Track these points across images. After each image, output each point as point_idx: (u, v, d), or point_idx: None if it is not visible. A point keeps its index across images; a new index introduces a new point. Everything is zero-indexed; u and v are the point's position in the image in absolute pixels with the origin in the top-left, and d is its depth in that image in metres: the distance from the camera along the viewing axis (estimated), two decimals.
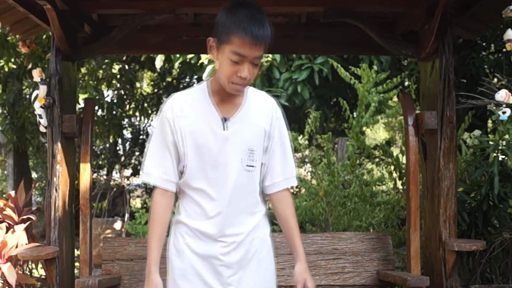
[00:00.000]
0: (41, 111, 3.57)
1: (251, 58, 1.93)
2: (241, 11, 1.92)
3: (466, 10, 3.59)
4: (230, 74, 1.95)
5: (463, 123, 4.86)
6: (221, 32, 1.95)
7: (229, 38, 1.92)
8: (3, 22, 3.60)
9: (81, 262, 3.57)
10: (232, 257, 2.08)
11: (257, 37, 1.90)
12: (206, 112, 2.05)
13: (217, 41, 1.98)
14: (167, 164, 2.06)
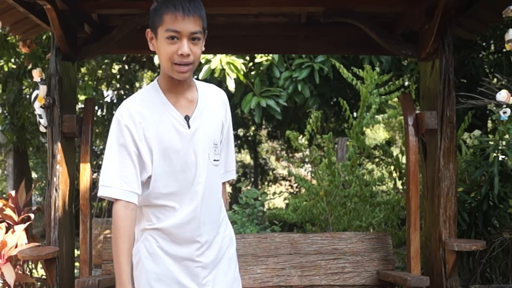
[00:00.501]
0: (41, 111, 3.57)
1: (187, 34, 1.90)
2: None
3: (466, 10, 3.59)
4: (170, 54, 1.90)
5: (463, 123, 4.87)
6: (154, 19, 1.93)
7: (161, 19, 1.90)
8: (3, 22, 3.60)
9: (81, 262, 3.57)
10: (207, 257, 2.04)
11: (188, 9, 1.90)
12: (166, 113, 1.97)
13: (152, 29, 1.95)
14: (129, 175, 1.92)
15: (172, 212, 1.98)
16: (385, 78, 5.53)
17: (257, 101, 6.33)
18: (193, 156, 1.97)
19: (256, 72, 6.47)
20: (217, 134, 2.07)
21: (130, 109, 1.95)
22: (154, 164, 1.94)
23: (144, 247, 2.02)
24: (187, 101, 2.01)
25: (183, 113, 1.98)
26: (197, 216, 1.99)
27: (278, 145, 14.30)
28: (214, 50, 4.68)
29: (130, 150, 1.92)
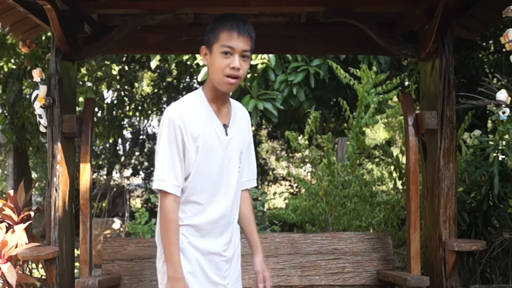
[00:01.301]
0: (41, 111, 3.57)
1: (240, 51, 2.16)
2: (227, 16, 2.21)
3: (466, 10, 3.59)
4: (223, 67, 2.15)
5: (463, 123, 4.87)
6: (210, 36, 2.19)
7: (217, 36, 2.16)
8: (3, 22, 3.60)
9: (81, 262, 3.57)
10: (229, 252, 2.29)
11: (242, 29, 2.16)
12: (210, 119, 2.22)
13: (207, 46, 2.21)
14: (178, 171, 2.16)
15: (199, 209, 2.21)
16: (382, 77, 5.53)
17: (254, 104, 6.35)
18: (227, 161, 2.24)
19: (252, 75, 6.47)
20: (242, 144, 2.34)
21: (181, 111, 2.18)
22: (196, 162, 2.17)
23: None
24: (225, 111, 2.28)
25: (222, 121, 2.25)
26: (227, 214, 2.25)
27: (278, 145, 14.30)
28: None
29: (180, 147, 2.16)
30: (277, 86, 6.43)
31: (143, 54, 7.90)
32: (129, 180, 13.39)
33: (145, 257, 3.45)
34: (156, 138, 13.07)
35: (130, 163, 12.99)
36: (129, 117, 11.69)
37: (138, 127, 13.03)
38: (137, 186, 13.76)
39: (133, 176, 13.21)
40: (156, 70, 10.77)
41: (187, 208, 2.21)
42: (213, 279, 2.23)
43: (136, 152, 13.04)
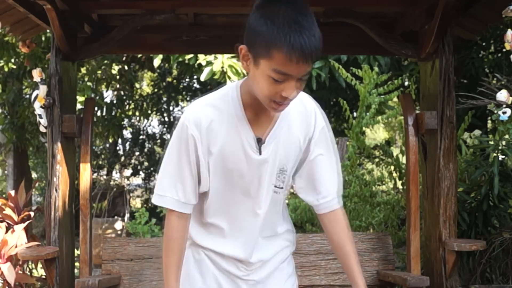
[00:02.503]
0: (41, 111, 3.57)
1: (298, 77, 1.53)
2: (282, 14, 1.47)
3: (466, 10, 3.59)
4: (272, 94, 1.55)
5: (463, 123, 4.87)
6: (257, 42, 1.51)
7: (269, 53, 1.48)
8: (3, 22, 3.60)
9: (81, 262, 3.57)
10: (255, 276, 1.84)
11: (309, 49, 1.47)
12: (239, 130, 1.67)
13: (251, 52, 1.55)
14: (186, 185, 1.71)
15: (220, 232, 1.79)
16: (384, 78, 5.53)
17: None
18: (257, 183, 1.72)
19: None
20: (289, 159, 1.76)
21: (200, 115, 1.66)
22: (212, 182, 1.72)
23: (191, 252, 1.85)
24: (265, 119, 1.69)
25: (258, 132, 1.68)
26: (249, 245, 1.80)
27: None
28: (214, 50, 4.68)
29: (191, 160, 1.69)
30: None
31: (143, 54, 7.90)
32: (129, 180, 13.39)
33: (145, 257, 3.45)
34: (156, 138, 13.10)
35: (130, 163, 13.00)
36: (129, 117, 11.69)
37: (138, 127, 13.03)
38: (137, 186, 13.77)
39: (133, 176, 13.22)
40: (156, 70, 10.77)
41: (206, 230, 1.81)
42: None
43: (136, 152, 13.04)
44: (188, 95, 12.12)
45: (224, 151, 1.67)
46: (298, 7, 1.50)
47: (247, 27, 1.56)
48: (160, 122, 13.10)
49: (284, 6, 1.49)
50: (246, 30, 1.56)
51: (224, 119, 1.67)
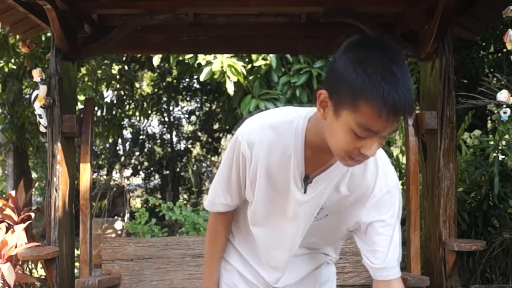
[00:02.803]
0: (41, 111, 3.57)
1: (383, 134, 1.34)
2: (375, 62, 1.27)
3: (466, 10, 3.59)
4: (349, 149, 1.36)
5: (463, 123, 4.87)
6: (342, 90, 1.31)
7: (356, 105, 1.28)
8: (3, 22, 3.60)
9: (81, 262, 3.57)
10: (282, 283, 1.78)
11: (400, 108, 1.27)
12: (291, 164, 1.53)
13: (332, 99, 1.35)
14: (234, 194, 1.68)
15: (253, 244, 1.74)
16: None
17: (256, 104, 6.36)
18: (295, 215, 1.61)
19: (255, 76, 6.48)
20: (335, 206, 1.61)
21: (255, 137, 1.54)
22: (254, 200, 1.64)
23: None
24: (324, 159, 1.53)
25: (309, 170, 1.54)
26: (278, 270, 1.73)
27: None
28: (214, 50, 4.68)
29: (240, 175, 1.62)
30: (280, 88, 6.45)
31: (143, 54, 7.90)
32: (129, 180, 13.40)
33: (145, 257, 3.45)
34: (156, 138, 13.10)
35: (130, 163, 13.00)
36: (129, 117, 11.70)
37: (138, 127, 13.03)
38: (137, 186, 13.77)
39: (133, 176, 13.22)
40: (156, 70, 10.77)
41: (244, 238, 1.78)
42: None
43: (136, 152, 13.04)
44: (188, 95, 12.12)
45: (271, 178, 1.57)
46: (392, 55, 1.31)
47: (330, 70, 1.38)
48: (160, 122, 13.10)
49: (378, 52, 1.30)
50: (329, 74, 1.38)
51: (280, 147, 1.53)
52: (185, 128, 13.68)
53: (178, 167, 12.50)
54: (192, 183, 11.30)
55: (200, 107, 12.76)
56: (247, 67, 6.42)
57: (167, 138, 13.10)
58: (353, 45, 1.34)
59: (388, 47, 1.32)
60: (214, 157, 13.43)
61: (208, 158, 13.50)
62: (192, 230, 5.70)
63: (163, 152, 12.83)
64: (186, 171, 12.49)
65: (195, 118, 13.14)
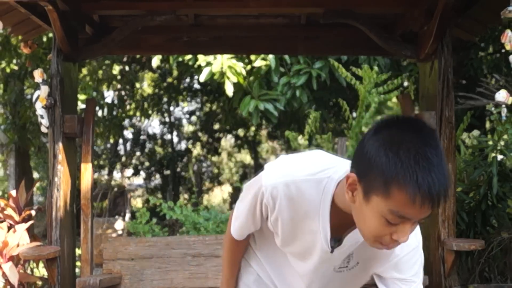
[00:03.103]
0: (42, 111, 3.59)
1: (416, 220, 1.28)
2: (408, 145, 1.21)
3: (465, 11, 3.61)
4: (380, 234, 1.30)
5: (462, 123, 4.88)
6: (373, 175, 1.24)
7: (388, 191, 1.22)
8: (5, 23, 3.62)
9: (83, 262, 3.59)
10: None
11: (435, 194, 1.22)
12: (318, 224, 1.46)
13: (362, 183, 1.28)
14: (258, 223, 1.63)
15: (272, 251, 1.69)
16: (384, 77, 5.54)
17: (255, 104, 6.37)
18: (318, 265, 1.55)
19: (255, 77, 6.50)
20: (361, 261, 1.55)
21: (280, 192, 1.45)
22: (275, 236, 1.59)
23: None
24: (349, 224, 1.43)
25: (336, 232, 1.47)
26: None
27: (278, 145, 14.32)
28: (214, 50, 4.70)
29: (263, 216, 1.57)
30: (280, 88, 6.46)
31: (143, 54, 7.92)
32: (130, 180, 13.41)
33: (146, 256, 3.46)
34: (156, 138, 13.11)
35: (131, 163, 13.01)
36: (130, 117, 11.72)
37: (138, 127, 13.05)
38: (138, 186, 13.79)
39: (134, 176, 13.24)
40: (156, 70, 10.79)
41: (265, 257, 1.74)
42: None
43: (137, 152, 13.05)
44: (188, 95, 12.14)
45: (294, 228, 1.49)
46: (425, 136, 1.24)
47: (359, 153, 1.30)
48: (161, 122, 13.11)
49: (410, 134, 1.23)
50: (358, 157, 1.31)
51: (305, 206, 1.44)
52: (186, 128, 13.70)
53: (179, 167, 12.52)
54: (193, 183, 11.32)
55: (201, 107, 12.78)
56: (246, 68, 6.44)
57: (168, 138, 13.12)
58: (383, 126, 1.28)
59: (421, 127, 1.26)
60: (214, 157, 13.45)
61: (208, 158, 13.52)
62: (193, 229, 5.72)
63: (164, 152, 12.84)
64: (187, 171, 12.51)
65: (196, 118, 13.16)
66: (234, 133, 12.36)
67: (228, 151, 14.00)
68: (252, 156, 13.73)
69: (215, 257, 3.37)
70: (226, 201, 12.97)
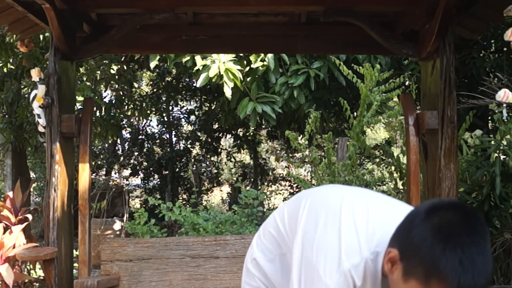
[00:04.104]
0: (39, 110, 3.55)
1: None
2: (455, 243, 1.25)
3: (467, 9, 3.58)
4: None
5: (464, 123, 4.85)
6: (415, 260, 1.30)
7: (427, 281, 1.27)
8: (2, 22, 3.59)
9: (80, 263, 3.55)
10: None
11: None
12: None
13: (403, 263, 1.34)
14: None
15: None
16: (386, 76, 5.51)
17: (253, 107, 6.35)
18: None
19: (253, 77, 6.47)
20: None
21: (355, 275, 1.45)
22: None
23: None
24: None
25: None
26: None
27: (278, 145, 14.30)
28: (213, 49, 4.67)
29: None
30: (278, 88, 6.44)
31: (142, 53, 7.88)
32: (128, 180, 13.38)
33: (144, 257, 3.43)
34: (155, 138, 13.07)
35: (129, 163, 12.98)
36: (128, 117, 11.68)
37: (137, 127, 13.02)
38: (136, 186, 13.74)
39: (132, 176, 13.20)
40: (155, 70, 10.76)
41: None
42: None
43: (135, 152, 13.02)
44: (187, 94, 12.11)
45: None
46: (476, 235, 1.26)
47: (406, 234, 1.34)
48: (159, 122, 13.08)
49: (460, 231, 1.26)
50: (404, 237, 1.35)
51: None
52: (185, 128, 13.67)
53: (178, 167, 12.48)
54: (192, 183, 11.29)
55: (200, 107, 12.74)
56: (244, 70, 6.41)
57: (167, 138, 13.08)
58: (435, 212, 1.31)
59: (473, 223, 1.27)
60: (213, 157, 13.42)
61: (207, 158, 13.49)
62: (192, 230, 5.68)
63: (162, 152, 12.82)
64: (186, 171, 12.48)
65: (195, 118, 13.12)
66: (234, 133, 12.32)
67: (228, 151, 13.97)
68: (252, 156, 13.70)
69: (214, 258, 3.33)
70: (225, 202, 12.95)
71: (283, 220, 1.67)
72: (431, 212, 1.31)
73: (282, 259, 1.67)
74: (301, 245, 1.51)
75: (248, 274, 1.77)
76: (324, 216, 1.50)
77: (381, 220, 1.50)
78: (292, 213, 1.63)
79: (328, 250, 1.45)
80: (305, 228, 1.52)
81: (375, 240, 1.45)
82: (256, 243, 1.76)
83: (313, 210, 1.54)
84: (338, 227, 1.47)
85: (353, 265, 1.43)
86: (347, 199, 1.56)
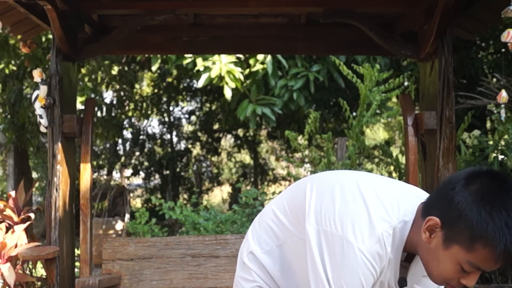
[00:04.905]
0: (41, 111, 3.58)
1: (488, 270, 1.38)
2: (500, 206, 1.29)
3: (465, 10, 3.60)
4: (450, 278, 1.41)
5: (462, 123, 4.87)
6: (459, 227, 1.32)
7: (472, 246, 1.31)
8: (4, 23, 3.61)
9: (82, 262, 3.58)
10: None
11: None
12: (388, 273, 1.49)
13: (445, 230, 1.36)
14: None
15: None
16: (386, 75, 5.53)
17: (252, 109, 6.38)
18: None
19: (253, 80, 6.50)
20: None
21: (377, 255, 1.43)
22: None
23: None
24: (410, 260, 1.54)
25: (403, 272, 1.52)
26: None
27: (278, 145, 14.31)
28: (214, 50, 4.69)
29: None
30: (277, 91, 6.46)
31: (143, 54, 7.90)
32: (129, 180, 13.40)
33: (146, 256, 3.45)
34: (156, 138, 13.10)
35: (130, 163, 13.00)
36: (129, 117, 11.71)
37: (138, 127, 13.04)
38: (137, 186, 13.76)
39: (133, 176, 13.22)
40: (156, 71, 10.78)
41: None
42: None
43: (136, 152, 13.04)
44: (188, 95, 12.12)
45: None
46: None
47: (448, 201, 1.35)
48: (160, 122, 13.10)
49: (503, 194, 1.30)
50: (446, 205, 1.36)
51: (386, 265, 1.47)
52: (185, 128, 13.68)
53: (178, 167, 12.50)
54: (193, 183, 11.31)
55: (200, 107, 12.76)
56: (244, 73, 6.44)
57: (167, 138, 13.10)
58: (474, 178, 1.34)
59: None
60: (214, 157, 13.43)
61: (208, 158, 13.50)
62: (192, 230, 5.71)
63: (163, 152, 12.83)
64: (186, 171, 12.50)
65: (195, 118, 13.14)
66: (234, 133, 12.35)
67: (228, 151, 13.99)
68: (252, 156, 13.72)
69: (214, 257, 3.35)
70: (226, 201, 12.97)
71: (283, 209, 1.63)
72: (471, 178, 1.34)
73: (280, 250, 1.65)
74: (315, 224, 1.47)
75: (244, 269, 1.76)
76: (339, 192, 1.48)
77: (402, 192, 1.52)
78: (293, 201, 1.61)
79: (355, 219, 1.42)
80: (318, 208, 1.49)
81: (402, 209, 1.45)
82: (251, 236, 1.73)
83: (325, 189, 1.52)
84: (361, 198, 1.45)
85: (385, 230, 1.41)
86: (358, 175, 1.57)
